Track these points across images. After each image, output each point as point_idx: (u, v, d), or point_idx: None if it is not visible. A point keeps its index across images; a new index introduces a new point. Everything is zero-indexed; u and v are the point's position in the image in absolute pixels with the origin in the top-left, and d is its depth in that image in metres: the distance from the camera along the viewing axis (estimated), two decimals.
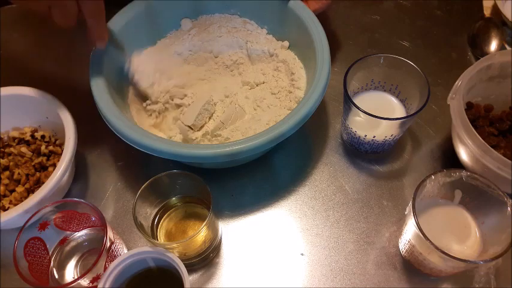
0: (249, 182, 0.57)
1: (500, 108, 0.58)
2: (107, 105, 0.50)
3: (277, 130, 0.47)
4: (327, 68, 0.51)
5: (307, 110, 0.48)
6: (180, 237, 0.50)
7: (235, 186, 0.56)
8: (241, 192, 0.56)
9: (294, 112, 0.48)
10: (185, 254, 0.47)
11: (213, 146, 0.47)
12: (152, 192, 0.48)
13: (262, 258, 0.52)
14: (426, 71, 0.51)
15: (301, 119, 0.48)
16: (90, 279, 0.44)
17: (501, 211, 0.44)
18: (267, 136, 0.47)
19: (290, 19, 0.58)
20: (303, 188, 0.56)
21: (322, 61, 0.52)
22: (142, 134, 0.48)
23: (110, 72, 0.54)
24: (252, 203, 0.55)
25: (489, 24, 0.69)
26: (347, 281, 0.50)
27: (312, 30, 0.55)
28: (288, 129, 0.47)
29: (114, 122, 0.49)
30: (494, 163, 0.47)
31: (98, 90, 0.51)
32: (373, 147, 0.56)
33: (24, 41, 0.71)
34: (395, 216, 0.54)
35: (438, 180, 0.46)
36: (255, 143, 0.46)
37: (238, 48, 0.62)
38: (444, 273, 0.47)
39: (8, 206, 0.52)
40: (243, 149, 0.46)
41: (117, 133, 0.49)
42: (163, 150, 0.46)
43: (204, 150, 0.46)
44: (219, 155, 0.46)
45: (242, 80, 0.60)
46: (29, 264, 0.44)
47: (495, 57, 0.54)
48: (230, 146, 0.46)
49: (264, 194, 0.56)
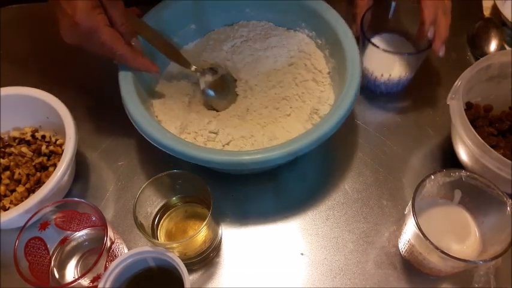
0: (250, 182, 0.57)
1: (499, 108, 0.58)
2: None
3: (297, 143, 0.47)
4: (355, 85, 0.51)
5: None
6: (180, 237, 0.50)
7: (235, 186, 0.56)
8: (242, 192, 0.56)
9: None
10: (185, 254, 0.48)
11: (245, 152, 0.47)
12: (153, 192, 0.48)
13: (262, 258, 0.52)
14: (426, 71, 0.51)
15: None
16: (91, 278, 0.44)
17: (501, 211, 0.44)
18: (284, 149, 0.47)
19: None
20: (303, 187, 0.56)
21: (352, 77, 0.51)
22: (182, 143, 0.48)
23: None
24: (252, 203, 0.56)
25: (489, 24, 0.69)
26: (347, 280, 0.50)
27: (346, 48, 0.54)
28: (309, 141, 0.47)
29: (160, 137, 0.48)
30: (493, 163, 0.47)
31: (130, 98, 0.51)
32: (388, 87, 0.61)
33: (24, 41, 0.71)
34: (395, 216, 0.54)
35: (438, 180, 0.46)
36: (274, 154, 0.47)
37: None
38: (444, 273, 0.47)
39: (9, 206, 0.52)
40: (273, 156, 0.46)
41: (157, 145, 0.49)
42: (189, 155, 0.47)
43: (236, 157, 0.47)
44: (253, 161, 0.46)
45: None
46: (29, 264, 0.44)
47: (495, 57, 0.54)
48: (262, 153, 0.47)
49: (264, 195, 0.56)
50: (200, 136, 0.53)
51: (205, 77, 0.57)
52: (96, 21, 0.46)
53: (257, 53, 0.61)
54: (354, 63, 0.52)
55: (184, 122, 0.54)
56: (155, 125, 0.49)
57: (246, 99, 0.58)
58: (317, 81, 0.57)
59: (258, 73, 0.59)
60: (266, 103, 0.57)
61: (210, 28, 0.63)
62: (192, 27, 0.62)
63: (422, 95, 0.64)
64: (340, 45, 0.54)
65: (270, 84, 0.58)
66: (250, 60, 0.60)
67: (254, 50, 0.61)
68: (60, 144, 0.57)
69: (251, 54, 0.61)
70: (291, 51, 0.60)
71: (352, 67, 0.52)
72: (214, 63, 0.60)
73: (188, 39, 0.63)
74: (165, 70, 0.60)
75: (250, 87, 0.58)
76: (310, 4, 0.58)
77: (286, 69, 0.59)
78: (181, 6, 0.59)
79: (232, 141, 0.53)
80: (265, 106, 0.56)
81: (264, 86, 0.58)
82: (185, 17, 0.60)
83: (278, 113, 0.56)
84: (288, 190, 0.56)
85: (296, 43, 0.61)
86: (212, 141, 0.53)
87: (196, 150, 0.47)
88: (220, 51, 0.61)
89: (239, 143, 0.53)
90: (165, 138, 0.48)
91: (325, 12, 0.57)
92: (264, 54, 0.61)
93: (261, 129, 0.54)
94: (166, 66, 0.60)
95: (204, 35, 0.63)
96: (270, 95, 0.57)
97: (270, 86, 0.58)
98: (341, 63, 0.54)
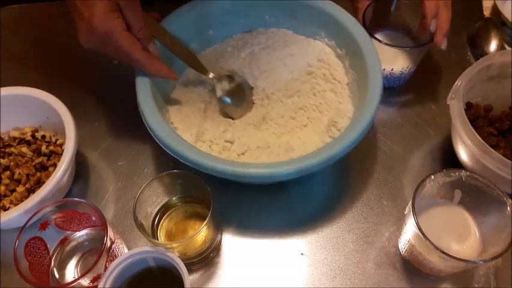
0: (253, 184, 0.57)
1: (499, 108, 0.58)
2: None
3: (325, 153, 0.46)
4: (377, 96, 0.50)
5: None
6: (180, 237, 0.50)
7: (236, 187, 0.56)
8: (242, 192, 0.56)
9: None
10: (185, 254, 0.48)
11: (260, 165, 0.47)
12: (153, 192, 0.48)
13: (262, 258, 0.52)
14: (426, 71, 0.51)
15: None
16: (91, 279, 0.44)
17: (501, 211, 0.44)
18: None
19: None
20: (303, 188, 0.56)
21: (373, 91, 0.50)
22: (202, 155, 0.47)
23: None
24: (252, 203, 0.56)
25: (489, 24, 0.69)
26: (347, 280, 0.50)
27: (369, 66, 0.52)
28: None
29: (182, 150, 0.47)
30: (493, 163, 0.47)
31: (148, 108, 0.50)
32: (391, 81, 0.62)
33: (24, 41, 0.71)
34: (395, 216, 0.54)
35: (438, 180, 0.46)
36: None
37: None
38: (444, 273, 0.47)
39: (9, 206, 0.52)
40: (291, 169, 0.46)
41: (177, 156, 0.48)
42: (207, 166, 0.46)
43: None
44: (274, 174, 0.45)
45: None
46: (29, 264, 0.44)
47: (495, 57, 0.54)
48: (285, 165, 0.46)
49: (264, 195, 0.56)
50: (216, 145, 0.52)
51: (222, 84, 0.56)
52: (113, 25, 0.45)
53: (275, 61, 0.59)
54: (376, 77, 0.51)
55: (200, 130, 0.53)
56: (172, 134, 0.48)
57: (262, 107, 0.57)
58: (336, 92, 0.56)
59: (275, 81, 0.58)
60: (283, 112, 0.56)
61: (229, 34, 0.62)
62: (210, 33, 0.61)
63: (422, 95, 0.64)
64: (361, 57, 0.53)
65: (287, 93, 0.57)
66: (268, 68, 0.59)
67: (272, 57, 0.59)
68: (60, 144, 0.57)
69: (269, 62, 0.59)
70: (310, 61, 0.59)
71: (374, 81, 0.50)
72: (231, 70, 0.59)
73: (206, 44, 0.61)
74: (182, 76, 0.59)
75: (267, 96, 0.57)
76: (331, 13, 0.56)
77: (305, 78, 0.58)
78: (200, 12, 0.58)
79: (247, 151, 0.52)
80: (282, 116, 0.56)
81: (281, 95, 0.57)
82: (204, 22, 0.59)
83: (294, 123, 0.55)
84: (289, 191, 0.56)
85: (315, 52, 0.59)
86: (227, 150, 0.52)
87: (207, 158, 0.46)
88: (237, 58, 0.60)
89: (255, 153, 0.52)
90: (180, 146, 0.47)
91: (346, 22, 0.55)
92: (282, 63, 0.59)
93: (276, 139, 0.54)
94: (182, 71, 0.59)
95: (222, 41, 0.62)
96: (287, 104, 0.56)
97: (287, 95, 0.57)
98: (362, 75, 0.53)
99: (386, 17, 0.63)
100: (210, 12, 0.59)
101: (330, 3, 0.57)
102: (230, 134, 0.53)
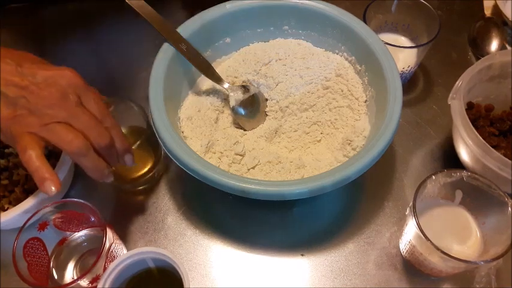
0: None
1: (500, 108, 0.58)
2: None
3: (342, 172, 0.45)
4: (397, 113, 0.48)
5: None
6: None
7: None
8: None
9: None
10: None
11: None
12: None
13: (262, 259, 0.51)
14: (426, 71, 0.51)
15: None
16: (90, 279, 0.44)
17: (502, 211, 0.44)
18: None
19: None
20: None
21: (392, 111, 0.49)
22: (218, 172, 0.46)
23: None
24: (252, 203, 0.55)
25: (490, 24, 0.69)
26: (347, 281, 0.50)
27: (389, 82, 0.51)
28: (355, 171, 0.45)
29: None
30: (494, 163, 0.47)
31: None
32: None
33: (24, 41, 0.71)
34: (396, 217, 0.54)
35: (439, 180, 0.46)
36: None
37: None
38: (445, 274, 0.47)
39: (8, 206, 0.52)
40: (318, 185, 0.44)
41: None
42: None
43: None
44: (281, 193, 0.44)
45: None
46: (28, 264, 0.44)
47: (496, 57, 0.54)
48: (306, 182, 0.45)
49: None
50: (225, 157, 0.51)
51: (236, 95, 0.55)
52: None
53: (292, 73, 0.57)
54: (397, 97, 0.49)
55: (211, 141, 0.52)
56: (182, 145, 0.47)
57: (275, 120, 0.55)
58: (352, 108, 0.55)
59: (290, 94, 0.56)
60: (296, 126, 0.55)
61: (245, 43, 0.61)
62: (227, 41, 0.59)
63: (423, 95, 0.64)
64: (381, 75, 0.51)
65: (302, 107, 0.55)
66: (284, 80, 0.56)
67: (289, 69, 0.57)
68: None
69: (285, 74, 0.57)
70: (327, 75, 0.56)
71: (394, 100, 0.49)
72: (246, 80, 0.58)
73: (222, 52, 0.60)
74: (195, 84, 0.58)
75: (281, 109, 0.55)
76: (352, 27, 0.55)
77: (321, 92, 0.56)
78: (217, 19, 0.57)
79: (258, 166, 0.50)
80: (295, 130, 0.55)
81: (295, 108, 0.55)
82: (221, 30, 0.58)
83: (308, 137, 0.54)
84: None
85: (334, 67, 0.57)
86: (237, 163, 0.51)
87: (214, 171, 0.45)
88: (253, 68, 0.58)
89: (265, 168, 0.50)
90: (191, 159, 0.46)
91: (367, 38, 0.53)
92: (299, 75, 0.56)
93: (288, 154, 0.53)
94: (196, 80, 0.58)
95: (238, 49, 0.61)
96: (301, 118, 0.55)
97: (302, 109, 0.55)
98: (381, 94, 0.51)
99: (386, 17, 0.63)
100: (228, 20, 0.58)
101: (352, 17, 0.55)
102: (241, 147, 0.51)
